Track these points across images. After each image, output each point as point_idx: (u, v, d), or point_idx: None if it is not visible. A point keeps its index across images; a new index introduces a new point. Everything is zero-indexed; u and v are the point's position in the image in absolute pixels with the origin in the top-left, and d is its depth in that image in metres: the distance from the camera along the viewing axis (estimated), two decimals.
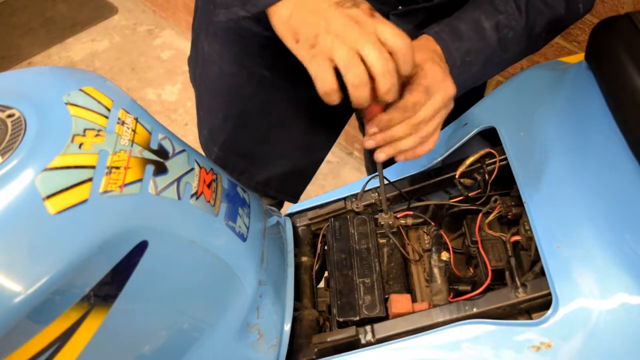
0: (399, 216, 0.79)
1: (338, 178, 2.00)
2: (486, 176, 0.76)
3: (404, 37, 0.57)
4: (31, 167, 0.49)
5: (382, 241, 0.76)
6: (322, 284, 0.81)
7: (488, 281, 0.66)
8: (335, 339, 0.66)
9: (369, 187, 0.81)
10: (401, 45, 0.57)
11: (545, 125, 0.73)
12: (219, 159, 0.96)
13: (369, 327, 0.66)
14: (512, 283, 0.64)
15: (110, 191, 0.52)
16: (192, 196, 0.60)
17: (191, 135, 2.09)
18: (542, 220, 0.64)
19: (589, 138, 0.69)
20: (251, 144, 0.94)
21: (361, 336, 0.66)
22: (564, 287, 0.58)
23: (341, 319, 0.68)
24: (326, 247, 0.79)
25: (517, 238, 0.69)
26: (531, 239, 0.65)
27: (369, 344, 0.65)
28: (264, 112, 0.89)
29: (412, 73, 0.61)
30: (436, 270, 0.69)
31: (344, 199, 0.82)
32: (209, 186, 0.64)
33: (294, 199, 1.00)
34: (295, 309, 0.71)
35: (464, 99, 0.91)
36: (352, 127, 1.89)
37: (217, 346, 0.64)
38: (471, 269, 0.72)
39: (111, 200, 0.52)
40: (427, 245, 0.77)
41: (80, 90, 0.58)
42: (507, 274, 0.67)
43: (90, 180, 0.51)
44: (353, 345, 0.66)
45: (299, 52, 0.59)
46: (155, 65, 2.37)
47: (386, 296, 0.70)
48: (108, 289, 0.52)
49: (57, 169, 0.50)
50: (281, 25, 0.59)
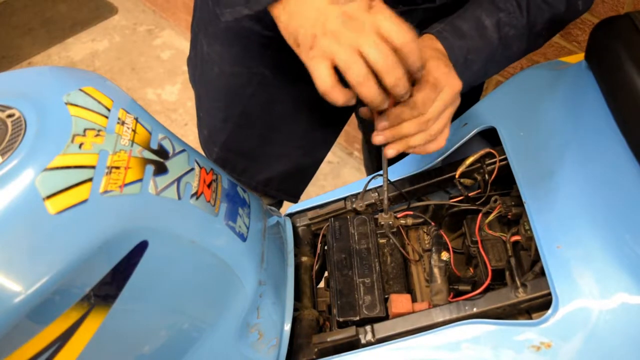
0: (399, 216, 0.79)
1: (338, 178, 2.00)
2: (486, 176, 0.76)
3: (406, 30, 0.56)
4: (31, 167, 0.49)
5: (382, 241, 0.76)
6: (322, 284, 0.81)
7: (488, 281, 0.66)
8: (335, 339, 0.66)
9: (368, 187, 0.81)
10: (404, 40, 0.55)
11: (545, 125, 0.73)
12: (219, 159, 0.96)
13: (369, 327, 0.66)
14: (512, 283, 0.64)
15: (110, 191, 0.52)
16: (192, 196, 0.60)
17: (191, 135, 2.09)
18: (542, 220, 0.64)
19: (589, 138, 0.69)
20: (252, 143, 0.94)
21: (361, 336, 0.66)
22: (564, 287, 0.58)
23: (341, 319, 0.68)
24: (326, 247, 0.79)
25: (517, 238, 0.69)
26: (531, 239, 0.65)
27: (369, 344, 0.65)
28: (264, 111, 0.89)
29: (421, 65, 0.60)
30: (436, 270, 0.69)
31: (344, 199, 0.82)
32: (209, 186, 0.64)
33: (295, 198, 1.00)
34: (295, 309, 0.71)
35: (463, 99, 0.91)
36: (352, 127, 1.89)
37: (217, 346, 0.64)
38: (471, 269, 0.72)
39: (111, 200, 0.52)
40: (427, 245, 0.77)
41: (80, 90, 0.58)
42: (507, 274, 0.67)
43: (90, 180, 0.51)
44: (353, 345, 0.66)
45: (300, 55, 0.60)
46: (155, 65, 2.37)
47: (386, 296, 0.70)
48: (108, 289, 0.52)
49: (57, 169, 0.50)
50: (283, 31, 0.61)
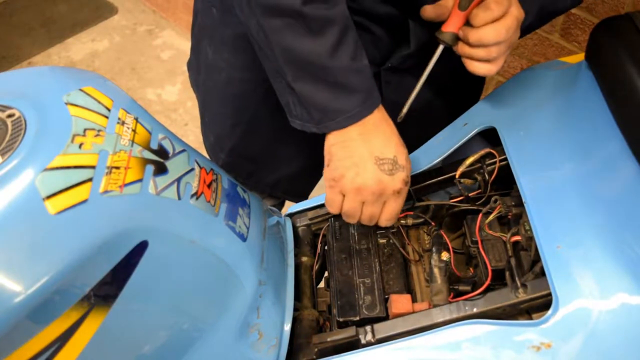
0: (399, 216, 0.78)
1: None
2: (486, 176, 0.76)
3: (393, 218, 0.70)
4: (31, 167, 0.49)
5: (382, 241, 0.76)
6: (322, 284, 0.81)
7: (488, 281, 0.66)
8: (335, 339, 0.66)
9: None
10: (384, 225, 0.71)
11: (546, 125, 0.73)
12: (225, 164, 0.96)
13: (369, 327, 0.66)
14: (512, 283, 0.64)
15: (110, 191, 0.52)
16: (192, 196, 0.60)
17: (191, 135, 2.09)
18: (542, 220, 0.64)
19: (589, 138, 0.69)
20: (260, 148, 0.94)
21: (361, 336, 0.66)
22: (564, 287, 0.58)
23: (341, 319, 0.68)
24: (326, 247, 0.79)
25: (517, 238, 0.68)
26: (531, 239, 0.65)
27: (369, 344, 0.65)
28: (273, 116, 0.89)
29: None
30: (436, 270, 0.69)
31: None
32: (209, 186, 0.64)
33: (302, 199, 1.01)
34: (295, 309, 0.71)
35: (463, 99, 0.91)
36: None
37: (217, 346, 0.64)
38: (471, 269, 0.72)
39: (111, 200, 0.52)
40: (427, 246, 0.77)
41: (80, 90, 0.58)
42: (507, 274, 0.67)
43: (90, 180, 0.51)
44: (353, 345, 0.66)
45: (324, 172, 0.69)
46: (155, 65, 2.37)
47: (386, 296, 0.70)
48: (108, 289, 0.52)
49: (57, 169, 0.50)
50: (325, 146, 0.68)
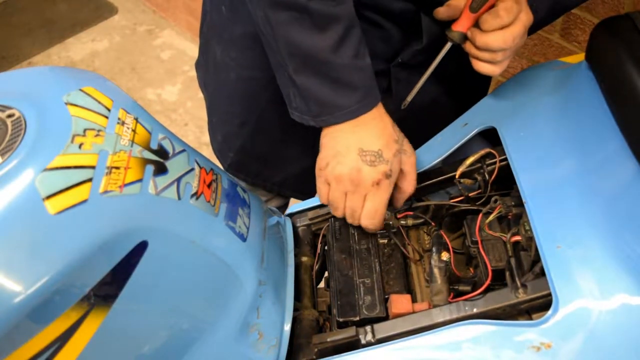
0: (399, 216, 0.78)
1: None
2: (486, 176, 0.76)
3: (374, 217, 0.71)
4: (31, 167, 0.49)
5: (382, 241, 0.76)
6: (322, 284, 0.81)
7: (488, 281, 0.66)
8: (335, 339, 0.66)
9: None
10: (365, 224, 0.72)
11: (546, 125, 0.73)
12: (234, 163, 0.96)
13: (369, 327, 0.66)
14: (512, 283, 0.64)
15: (110, 191, 0.52)
16: (192, 196, 0.60)
17: (191, 135, 2.09)
18: (542, 220, 0.64)
19: (589, 138, 0.69)
20: (268, 146, 0.94)
21: (361, 336, 0.66)
22: (564, 288, 0.58)
23: (341, 319, 0.68)
24: (326, 247, 0.79)
25: (517, 238, 0.68)
26: (531, 239, 0.64)
27: (369, 344, 0.65)
28: (281, 114, 0.89)
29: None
30: (436, 271, 0.69)
31: None
32: (209, 186, 0.64)
33: (310, 197, 1.01)
34: (295, 309, 0.71)
35: (465, 99, 0.91)
36: None
37: (217, 346, 0.64)
38: (471, 269, 0.72)
39: (111, 200, 0.52)
40: (427, 246, 0.77)
41: (80, 90, 0.58)
42: (507, 274, 0.67)
43: (90, 180, 0.51)
44: (353, 345, 0.66)
45: (317, 163, 0.73)
46: (155, 65, 2.37)
47: (386, 296, 0.70)
48: (108, 289, 0.52)
49: (57, 169, 0.50)
50: (320, 137, 0.71)
